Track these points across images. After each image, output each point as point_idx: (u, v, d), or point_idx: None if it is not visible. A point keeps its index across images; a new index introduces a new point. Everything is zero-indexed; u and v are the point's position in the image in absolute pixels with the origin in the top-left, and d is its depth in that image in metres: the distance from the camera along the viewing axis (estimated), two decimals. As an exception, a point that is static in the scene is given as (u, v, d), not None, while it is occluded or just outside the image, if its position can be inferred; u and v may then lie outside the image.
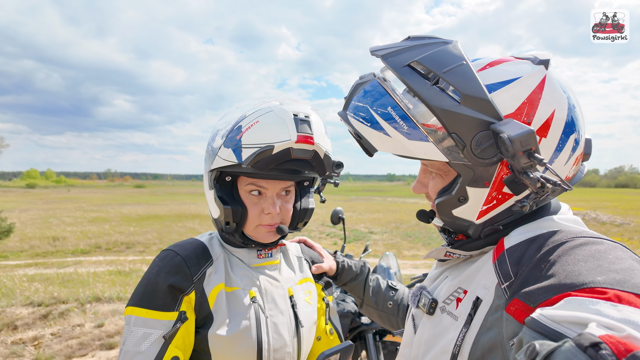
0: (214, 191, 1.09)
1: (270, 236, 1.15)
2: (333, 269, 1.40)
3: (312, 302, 1.26)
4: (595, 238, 0.70)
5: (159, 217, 19.26)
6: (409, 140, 0.75)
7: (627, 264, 0.62)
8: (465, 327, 0.77)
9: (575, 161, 0.81)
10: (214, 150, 1.07)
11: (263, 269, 1.19)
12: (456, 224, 0.86)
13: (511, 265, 0.74)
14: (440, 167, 0.85)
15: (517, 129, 0.67)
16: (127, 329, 0.98)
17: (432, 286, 0.99)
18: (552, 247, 0.70)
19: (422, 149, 0.75)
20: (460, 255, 0.91)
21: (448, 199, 0.82)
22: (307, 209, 1.25)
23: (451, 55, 0.74)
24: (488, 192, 0.79)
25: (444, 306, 0.88)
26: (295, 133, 1.00)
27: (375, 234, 13.53)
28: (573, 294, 0.57)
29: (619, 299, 0.53)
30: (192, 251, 1.10)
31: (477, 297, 0.78)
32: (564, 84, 0.80)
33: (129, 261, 9.37)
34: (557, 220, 0.81)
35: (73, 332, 4.74)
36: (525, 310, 0.63)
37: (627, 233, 14.06)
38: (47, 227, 14.87)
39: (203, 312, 1.04)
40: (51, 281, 7.30)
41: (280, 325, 1.12)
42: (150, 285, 1.02)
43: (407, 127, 0.75)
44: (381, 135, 0.77)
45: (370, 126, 0.78)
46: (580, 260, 0.64)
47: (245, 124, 1.02)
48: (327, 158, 1.11)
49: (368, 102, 0.79)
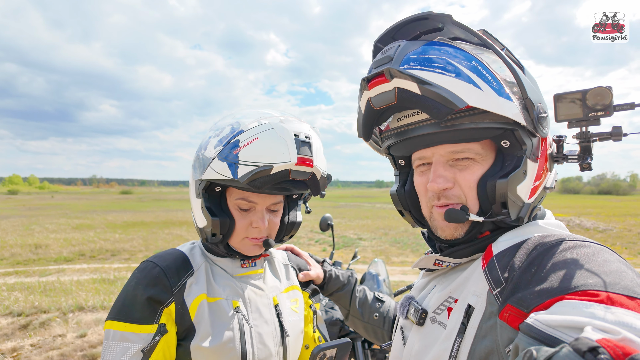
0: (202, 201, 1.06)
1: (256, 249, 1.13)
2: (320, 277, 1.39)
3: (299, 310, 1.24)
4: (582, 241, 0.71)
5: (145, 223, 18.95)
6: (498, 96, 0.74)
7: (615, 266, 0.62)
8: (459, 336, 0.76)
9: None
10: (205, 159, 1.04)
11: (247, 279, 1.17)
12: (511, 208, 0.80)
13: (501, 270, 0.73)
14: (479, 151, 0.81)
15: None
16: (105, 344, 0.97)
17: (420, 296, 0.97)
18: (541, 251, 0.70)
19: (509, 108, 0.74)
20: (449, 264, 0.90)
21: (517, 174, 0.77)
22: (294, 222, 1.24)
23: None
24: (538, 167, 0.81)
25: (435, 316, 0.86)
26: (295, 155, 0.98)
27: (364, 240, 13.53)
28: (566, 297, 0.57)
29: (611, 301, 0.53)
30: (172, 262, 1.07)
31: (469, 305, 0.77)
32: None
33: (114, 269, 9.16)
34: (543, 225, 0.82)
35: (54, 343, 4.60)
36: (519, 316, 0.63)
37: (610, 239, 14.34)
38: (29, 234, 14.48)
39: (184, 323, 1.02)
40: (32, 290, 7.09)
41: (265, 335, 1.10)
42: (129, 298, 1.00)
43: (495, 83, 0.74)
44: (471, 87, 0.72)
45: (456, 77, 0.73)
46: (570, 263, 0.64)
47: (244, 139, 0.99)
48: (323, 179, 1.10)
49: (447, 54, 0.76)
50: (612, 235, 15.36)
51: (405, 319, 0.97)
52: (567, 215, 22.85)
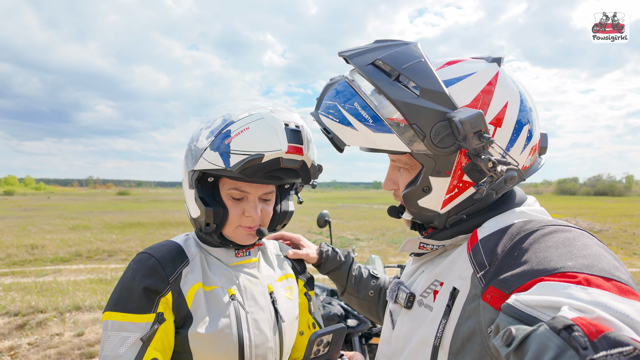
0: (195, 191, 1.09)
1: (249, 238, 1.16)
2: (313, 256, 1.41)
3: (293, 297, 1.27)
4: (563, 226, 0.74)
5: (142, 224, 18.88)
6: (374, 133, 0.80)
7: (594, 249, 0.65)
8: (444, 318, 0.79)
9: (530, 151, 0.86)
10: (197, 150, 1.06)
11: (241, 267, 1.19)
12: (422, 215, 0.90)
13: (485, 254, 0.76)
14: (407, 162, 0.89)
15: (467, 113, 0.72)
16: (104, 334, 0.98)
17: (410, 281, 1.00)
18: (523, 236, 0.73)
19: (386, 141, 0.80)
20: (434, 247, 0.94)
21: (413, 189, 0.86)
22: (286, 211, 1.27)
23: (411, 54, 0.80)
24: (449, 181, 0.83)
25: (422, 299, 0.90)
26: (286, 143, 1.01)
27: (361, 241, 13.55)
28: (545, 278, 0.59)
29: (588, 282, 0.55)
30: (167, 252, 1.09)
31: (454, 287, 0.81)
32: (517, 80, 0.86)
33: (111, 269, 9.13)
34: (526, 210, 0.85)
35: (51, 342, 4.60)
36: (501, 297, 0.66)
37: (605, 239, 14.42)
38: (25, 235, 14.39)
39: (181, 312, 1.04)
40: (29, 290, 7.05)
41: (261, 322, 1.12)
42: (126, 288, 1.01)
43: (372, 121, 0.80)
44: (349, 130, 0.82)
45: (339, 122, 0.83)
46: (551, 247, 0.67)
47: (235, 129, 1.02)
48: (313, 167, 1.13)
49: (337, 100, 0.85)
50: (608, 235, 15.45)
51: (394, 304, 1.00)
52: (563, 216, 22.96)
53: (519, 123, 0.82)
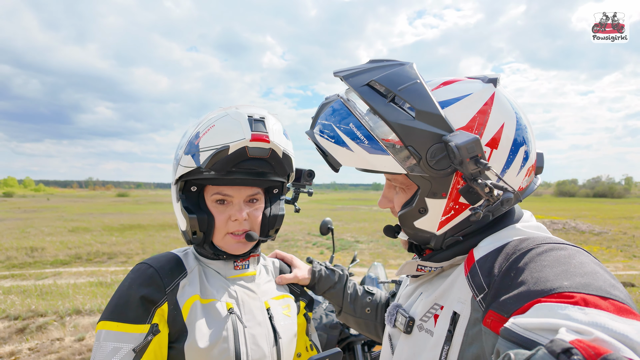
0: (180, 202, 1.10)
1: (240, 247, 1.15)
2: (302, 280, 1.37)
3: (291, 315, 1.25)
4: (558, 244, 0.73)
5: (142, 226, 18.87)
6: (370, 154, 0.80)
7: (590, 267, 0.64)
8: (446, 344, 0.78)
9: (527, 172, 0.86)
10: (177, 160, 1.10)
11: (240, 281, 1.19)
12: (418, 236, 0.90)
13: (483, 276, 0.75)
14: (403, 182, 0.89)
15: (464, 137, 0.72)
16: (96, 344, 0.97)
17: (407, 303, 0.99)
18: (519, 255, 0.73)
19: (382, 162, 0.80)
20: (432, 269, 0.92)
21: (409, 211, 0.86)
22: (277, 215, 1.25)
23: (406, 75, 0.80)
24: (446, 203, 0.83)
25: (422, 324, 0.88)
26: (249, 132, 1.03)
27: (361, 243, 13.54)
28: (542, 300, 0.59)
29: (585, 302, 0.54)
30: (166, 263, 1.10)
31: (455, 312, 0.79)
32: (512, 101, 0.85)
33: (111, 272, 9.12)
34: (521, 228, 0.84)
35: (52, 347, 4.59)
36: (501, 321, 0.64)
37: (605, 242, 14.43)
38: (24, 237, 14.37)
39: (176, 324, 1.03)
40: (29, 293, 7.05)
41: (258, 337, 1.11)
42: (122, 297, 1.01)
43: (367, 142, 0.80)
44: (345, 150, 0.82)
45: (335, 142, 0.83)
46: (547, 266, 0.66)
47: (203, 129, 1.06)
48: (286, 157, 1.13)
49: (333, 120, 0.84)
50: (608, 238, 15.45)
51: (393, 328, 0.98)
52: (562, 218, 22.96)
53: (515, 144, 0.81)
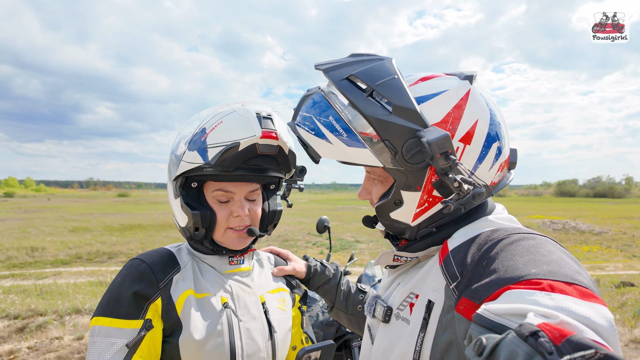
0: (180, 199, 1.10)
1: (241, 242, 1.16)
2: (300, 272, 1.40)
3: (286, 309, 1.26)
4: (528, 234, 0.76)
5: (142, 226, 18.89)
6: (348, 147, 0.82)
7: (557, 255, 0.67)
8: (422, 331, 0.80)
9: (499, 168, 0.88)
10: (177, 157, 1.09)
11: (235, 275, 1.19)
12: (395, 227, 0.92)
13: (456, 265, 0.78)
14: (381, 174, 0.91)
15: (435, 134, 0.74)
16: (91, 340, 0.98)
17: (386, 294, 1.01)
18: (490, 245, 0.75)
19: (359, 155, 0.82)
20: (409, 259, 0.95)
21: (386, 202, 0.89)
22: (275, 210, 1.28)
23: (385, 70, 0.81)
24: (420, 196, 0.85)
25: (399, 313, 0.90)
26: (259, 129, 1.04)
27: (361, 243, 13.55)
28: (512, 287, 0.61)
29: (552, 288, 0.57)
30: (159, 258, 1.10)
31: (429, 300, 0.82)
32: (487, 98, 0.87)
33: (111, 272, 9.14)
34: (493, 219, 0.87)
35: (51, 346, 4.60)
36: (473, 308, 0.67)
37: (605, 242, 14.43)
38: (25, 237, 14.40)
39: (171, 319, 1.04)
40: (29, 293, 7.06)
41: (253, 331, 1.12)
42: (115, 293, 1.02)
43: (346, 135, 0.82)
44: (324, 142, 0.84)
45: (315, 135, 0.85)
46: (516, 255, 0.69)
47: (209, 125, 1.05)
48: (291, 154, 1.16)
49: (313, 112, 0.86)
50: (608, 237, 15.44)
51: (372, 318, 1.00)
52: (562, 218, 22.95)
53: (488, 140, 0.83)
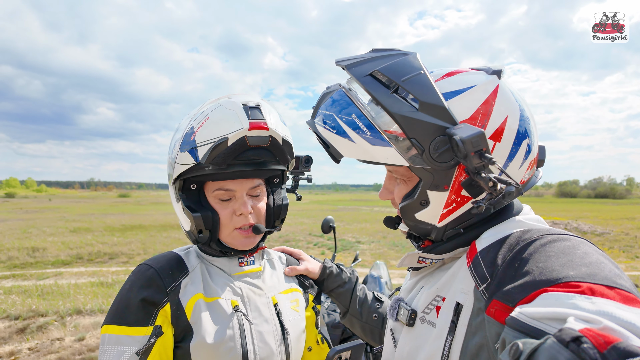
0: (181, 202, 1.07)
1: (248, 242, 1.13)
2: (314, 272, 1.36)
3: (300, 309, 1.23)
4: (562, 235, 0.73)
5: (143, 227, 18.88)
6: (372, 145, 0.79)
7: (595, 257, 0.64)
8: (450, 334, 0.77)
9: (529, 166, 0.85)
10: (173, 159, 1.06)
11: (245, 277, 1.16)
12: (419, 228, 0.89)
13: (486, 267, 0.75)
14: (404, 173, 0.88)
15: (469, 131, 0.71)
16: (101, 349, 0.97)
17: (409, 297, 0.98)
18: (523, 246, 0.72)
19: (384, 154, 0.79)
20: (433, 261, 0.92)
21: (411, 203, 0.86)
22: (281, 204, 1.23)
23: (410, 66, 0.78)
24: (447, 196, 0.82)
25: (424, 316, 0.87)
26: (247, 121, 1.00)
27: (362, 244, 13.52)
28: (549, 289, 0.59)
29: (592, 292, 0.55)
30: (166, 263, 1.08)
31: (457, 302, 0.79)
32: (516, 93, 0.84)
33: (112, 272, 9.12)
34: (523, 220, 0.84)
35: (52, 347, 4.58)
36: (505, 310, 0.64)
37: (607, 242, 14.39)
38: (26, 238, 14.40)
39: (181, 324, 1.02)
40: (29, 293, 7.05)
41: (265, 334, 1.09)
42: (123, 301, 1.00)
43: (370, 133, 0.79)
44: (346, 141, 0.80)
45: (336, 133, 0.81)
46: (552, 256, 0.66)
47: (197, 123, 1.02)
48: (286, 144, 1.11)
49: (334, 110, 0.83)
50: (610, 238, 15.40)
51: (395, 321, 0.98)
52: (564, 218, 22.91)
53: (518, 137, 0.81)
